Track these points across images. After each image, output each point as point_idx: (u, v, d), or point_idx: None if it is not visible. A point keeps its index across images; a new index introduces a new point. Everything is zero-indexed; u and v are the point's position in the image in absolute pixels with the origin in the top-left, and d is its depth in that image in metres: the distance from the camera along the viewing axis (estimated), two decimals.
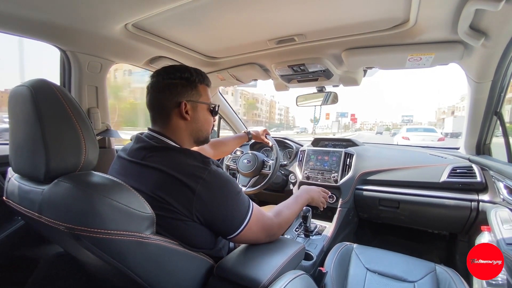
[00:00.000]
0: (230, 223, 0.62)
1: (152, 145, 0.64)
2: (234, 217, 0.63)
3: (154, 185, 0.57)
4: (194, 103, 0.70)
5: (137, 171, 0.62)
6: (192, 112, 0.70)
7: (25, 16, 0.82)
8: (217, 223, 0.62)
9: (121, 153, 0.70)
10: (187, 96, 0.69)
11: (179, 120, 0.69)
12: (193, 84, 0.70)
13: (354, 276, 0.94)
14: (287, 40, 1.06)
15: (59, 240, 0.60)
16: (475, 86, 1.07)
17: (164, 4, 0.77)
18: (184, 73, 0.68)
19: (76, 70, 1.11)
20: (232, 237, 0.63)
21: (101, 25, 0.91)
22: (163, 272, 0.54)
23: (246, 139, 1.39)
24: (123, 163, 0.67)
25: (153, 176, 0.59)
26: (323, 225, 1.36)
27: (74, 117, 0.51)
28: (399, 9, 0.81)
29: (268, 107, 73.40)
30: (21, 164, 0.54)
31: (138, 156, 0.63)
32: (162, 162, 0.60)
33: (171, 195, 0.57)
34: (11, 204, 0.57)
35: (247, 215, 0.64)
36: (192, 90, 0.70)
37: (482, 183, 1.14)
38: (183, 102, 0.67)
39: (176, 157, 0.62)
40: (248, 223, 0.64)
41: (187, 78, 0.69)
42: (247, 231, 0.64)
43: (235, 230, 0.63)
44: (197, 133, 0.73)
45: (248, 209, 0.65)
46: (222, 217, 0.61)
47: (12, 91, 0.53)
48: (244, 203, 0.65)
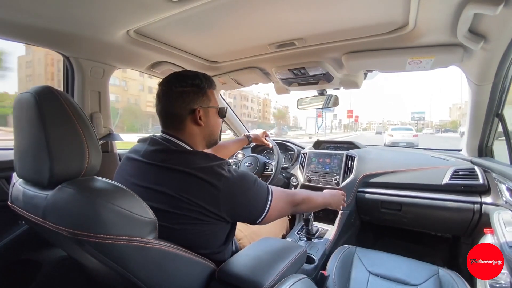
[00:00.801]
0: (255, 210, 0.67)
1: (170, 148, 0.67)
2: (257, 204, 0.68)
3: (178, 186, 0.60)
4: (206, 108, 0.72)
5: (157, 173, 0.63)
6: (204, 117, 0.72)
7: (29, 23, 0.83)
8: (244, 214, 0.67)
9: (133, 155, 0.70)
10: (199, 103, 0.71)
11: (194, 126, 0.71)
12: (203, 90, 0.72)
13: (356, 280, 0.94)
14: (287, 44, 1.07)
15: (62, 244, 0.61)
16: (476, 88, 1.07)
17: (166, 11, 0.78)
18: (195, 80, 0.70)
19: (79, 75, 1.13)
20: (260, 221, 0.69)
21: (103, 32, 0.93)
22: (165, 276, 0.54)
23: (246, 142, 1.39)
24: (137, 165, 0.68)
25: (176, 178, 0.61)
26: (325, 228, 1.36)
27: (77, 122, 0.52)
28: (398, 13, 0.81)
29: (261, 106, 70.36)
30: (25, 170, 0.55)
31: (157, 159, 0.65)
32: (182, 164, 0.62)
33: (198, 195, 0.59)
34: (15, 209, 0.58)
35: (268, 198, 0.69)
36: (203, 96, 0.72)
37: (484, 185, 1.14)
38: (197, 109, 0.70)
39: (194, 159, 0.65)
40: (271, 205, 0.69)
41: (198, 84, 0.70)
42: (272, 211, 0.69)
43: (260, 215, 0.68)
44: (210, 137, 0.76)
45: (268, 192, 0.70)
46: (248, 206, 0.66)
47: (17, 98, 0.54)
48: (263, 188, 0.70)
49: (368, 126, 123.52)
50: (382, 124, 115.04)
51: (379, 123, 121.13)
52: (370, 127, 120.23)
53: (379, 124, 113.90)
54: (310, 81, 1.34)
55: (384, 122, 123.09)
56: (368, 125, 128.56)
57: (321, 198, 0.93)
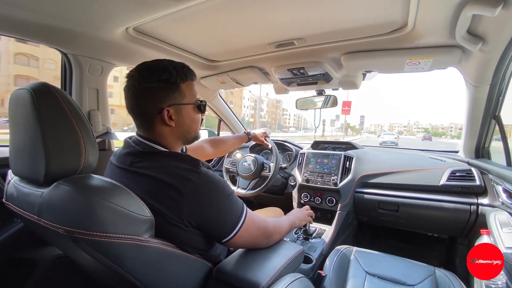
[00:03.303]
0: (223, 225, 0.60)
1: (138, 151, 0.62)
2: (226, 220, 0.60)
3: (142, 192, 0.55)
4: (178, 106, 0.64)
5: (125, 177, 0.60)
6: (176, 116, 0.64)
7: (28, 19, 0.83)
8: (209, 227, 0.59)
9: (112, 158, 0.68)
10: (169, 101, 0.62)
11: (163, 126, 0.64)
12: (175, 85, 0.63)
13: (354, 280, 0.94)
14: (286, 44, 1.07)
15: (58, 242, 0.60)
16: (474, 90, 1.08)
17: (165, 9, 0.78)
18: (162, 75, 0.61)
19: (77, 73, 1.12)
20: (226, 241, 0.61)
21: (102, 29, 0.92)
22: (162, 275, 0.54)
23: (246, 139, 1.39)
24: (113, 169, 0.66)
25: (141, 183, 0.57)
26: (323, 228, 1.36)
27: (74, 120, 0.51)
28: (397, 14, 0.81)
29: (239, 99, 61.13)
30: (21, 167, 0.54)
31: (125, 162, 0.62)
32: (149, 168, 0.58)
33: (160, 201, 0.55)
34: (10, 206, 0.57)
35: (241, 217, 0.62)
36: (174, 92, 0.63)
37: (481, 186, 1.14)
38: (165, 109, 0.61)
39: (164, 161, 0.60)
40: (242, 225, 0.61)
41: (167, 79, 0.61)
42: (242, 233, 0.62)
43: (229, 233, 0.60)
44: (185, 136, 0.69)
45: (242, 211, 0.63)
46: (214, 220, 0.59)
47: (13, 94, 0.53)
48: (237, 205, 0.63)
49: (376, 128, 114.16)
50: (408, 127, 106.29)
51: (404, 126, 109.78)
52: (378, 129, 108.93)
53: (404, 127, 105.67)
54: (309, 81, 1.34)
55: (410, 125, 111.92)
56: (377, 126, 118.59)
57: (288, 222, 0.84)
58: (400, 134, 79.43)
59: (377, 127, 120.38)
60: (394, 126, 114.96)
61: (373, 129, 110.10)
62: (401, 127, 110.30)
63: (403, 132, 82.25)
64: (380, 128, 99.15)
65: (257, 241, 0.69)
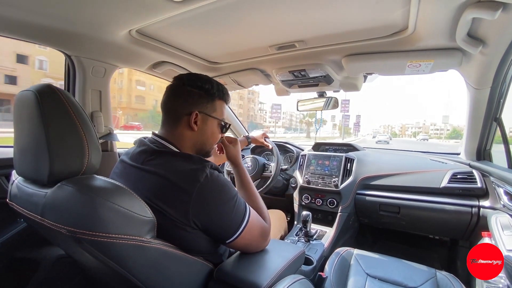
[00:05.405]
0: (227, 226, 0.61)
1: (152, 149, 0.64)
2: (231, 221, 0.61)
3: (150, 191, 0.57)
4: (206, 115, 0.69)
5: (136, 175, 0.62)
6: (201, 123, 0.69)
7: (32, 22, 0.84)
8: (214, 227, 0.60)
9: (124, 157, 0.70)
10: (200, 107, 0.68)
11: (186, 129, 0.68)
12: (211, 97, 0.70)
13: (354, 282, 0.93)
14: (287, 46, 1.08)
15: (60, 242, 0.61)
16: (475, 92, 1.08)
17: (168, 11, 0.79)
18: (206, 84, 0.68)
19: (80, 74, 1.13)
20: (230, 241, 0.62)
21: (106, 31, 0.93)
22: (163, 276, 0.55)
23: (245, 143, 1.39)
24: (124, 167, 0.67)
25: (150, 181, 0.59)
26: (324, 230, 1.36)
27: (78, 121, 0.52)
28: (397, 17, 0.82)
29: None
30: (25, 167, 0.55)
31: (138, 160, 0.64)
32: (160, 166, 0.60)
33: (167, 202, 0.56)
34: (14, 206, 0.58)
35: (245, 218, 0.63)
36: (208, 102, 0.69)
37: (482, 188, 1.14)
38: (194, 112, 0.67)
39: (174, 161, 0.62)
40: (246, 226, 0.62)
41: (207, 89, 0.68)
42: (245, 235, 0.63)
43: (233, 234, 0.61)
44: (201, 145, 0.72)
45: (245, 212, 0.64)
46: (220, 221, 0.60)
47: (18, 96, 0.54)
48: (241, 206, 0.64)
49: (386, 129, 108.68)
50: (423, 128, 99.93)
51: (418, 128, 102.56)
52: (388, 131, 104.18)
53: (418, 129, 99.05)
54: (310, 83, 1.34)
55: (426, 126, 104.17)
56: (387, 127, 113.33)
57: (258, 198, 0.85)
58: (415, 136, 77.27)
59: (387, 128, 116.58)
60: (406, 127, 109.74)
61: (382, 130, 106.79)
62: (415, 128, 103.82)
63: (418, 133, 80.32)
64: (390, 129, 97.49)
65: (258, 244, 0.70)
